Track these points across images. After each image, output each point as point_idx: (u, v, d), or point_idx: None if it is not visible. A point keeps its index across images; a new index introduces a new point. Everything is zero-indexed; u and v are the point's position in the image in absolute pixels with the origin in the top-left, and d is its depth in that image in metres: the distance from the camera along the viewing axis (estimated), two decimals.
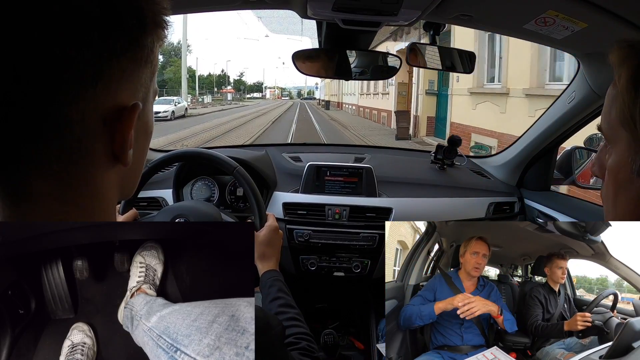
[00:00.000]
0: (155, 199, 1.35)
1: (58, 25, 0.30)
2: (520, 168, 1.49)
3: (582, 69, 1.10)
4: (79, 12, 0.31)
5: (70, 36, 0.30)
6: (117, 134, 0.35)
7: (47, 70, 0.30)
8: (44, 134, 0.32)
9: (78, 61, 0.31)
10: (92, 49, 0.31)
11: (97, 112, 0.33)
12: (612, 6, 0.73)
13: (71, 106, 0.32)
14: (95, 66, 0.32)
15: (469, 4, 0.84)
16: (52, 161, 0.33)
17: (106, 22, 0.32)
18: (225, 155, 1.02)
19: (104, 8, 0.32)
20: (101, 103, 0.33)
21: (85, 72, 0.32)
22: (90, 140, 0.34)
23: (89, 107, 0.33)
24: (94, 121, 0.33)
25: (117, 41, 0.33)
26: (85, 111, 0.32)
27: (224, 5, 0.98)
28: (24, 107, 0.31)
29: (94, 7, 0.31)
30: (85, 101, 0.32)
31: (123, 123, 0.35)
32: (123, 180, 0.39)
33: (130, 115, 0.35)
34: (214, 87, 56.97)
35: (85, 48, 0.31)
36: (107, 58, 0.33)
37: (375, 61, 1.17)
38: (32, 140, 0.32)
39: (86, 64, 0.31)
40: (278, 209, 1.36)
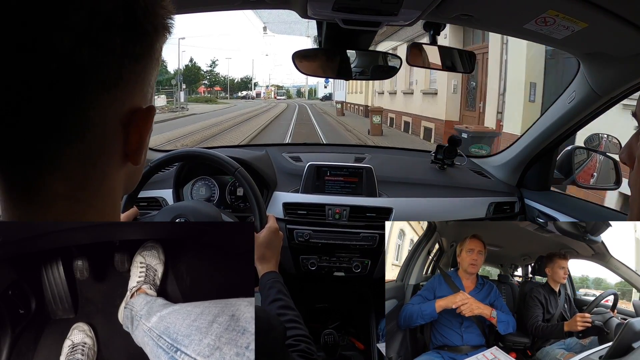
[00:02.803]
0: (156, 198, 1.35)
1: (86, 31, 0.31)
2: (520, 168, 1.49)
3: (583, 68, 1.10)
4: (105, 19, 0.32)
5: (97, 42, 0.31)
6: (134, 135, 0.36)
7: (73, 73, 0.31)
8: (66, 136, 0.32)
9: (102, 66, 0.32)
10: (115, 54, 0.33)
11: (116, 114, 0.34)
12: (613, 6, 0.73)
13: (93, 109, 0.33)
14: (117, 70, 0.33)
15: (469, 4, 0.84)
16: (71, 163, 0.33)
17: (128, 29, 0.33)
18: (225, 155, 1.02)
19: (127, 15, 0.33)
20: (120, 106, 0.34)
21: (107, 76, 0.33)
22: (109, 142, 0.35)
23: (110, 109, 0.34)
24: (113, 123, 0.34)
25: (135, 46, 0.34)
26: (106, 114, 0.34)
27: (224, 5, 0.98)
28: (48, 109, 0.31)
29: (118, 15, 0.32)
30: (106, 104, 0.33)
31: (140, 125, 0.36)
32: (128, 177, 0.40)
33: (148, 118, 0.37)
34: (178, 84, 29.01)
35: (109, 53, 0.32)
36: (127, 62, 0.34)
37: (375, 61, 1.17)
38: (53, 141, 0.32)
39: (109, 69, 0.33)
40: (278, 209, 1.36)
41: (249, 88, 73.52)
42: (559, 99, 1.25)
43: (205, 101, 40.36)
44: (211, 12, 1.08)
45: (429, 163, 1.59)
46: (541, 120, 1.35)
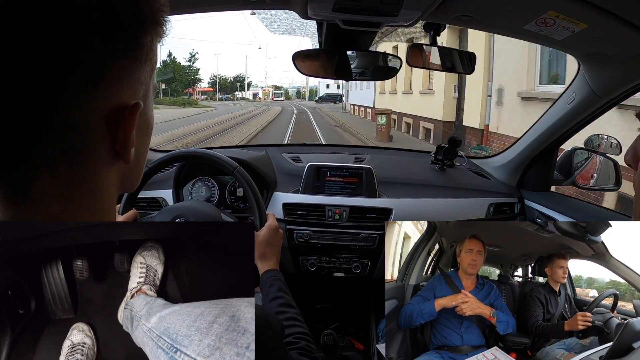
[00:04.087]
0: (155, 199, 1.35)
1: (59, 29, 0.30)
2: (520, 169, 1.49)
3: (583, 69, 1.10)
4: (79, 16, 0.31)
5: (72, 40, 0.31)
6: (120, 133, 0.35)
7: (50, 74, 0.31)
8: (49, 136, 0.32)
9: (80, 64, 0.31)
10: (93, 52, 0.32)
11: (100, 112, 0.34)
12: (612, 7, 0.73)
13: (74, 108, 0.32)
14: (97, 68, 0.32)
15: (469, 4, 0.84)
16: (56, 162, 0.33)
17: (106, 24, 0.32)
18: (225, 155, 1.02)
19: (103, 10, 0.32)
20: (103, 103, 0.34)
21: (87, 74, 0.32)
22: (94, 140, 0.34)
23: (92, 108, 0.33)
24: (96, 122, 0.34)
25: (117, 42, 0.33)
26: (88, 112, 0.33)
27: (224, 5, 0.98)
28: (28, 110, 0.31)
29: (93, 10, 0.31)
30: (88, 103, 0.33)
31: (125, 122, 0.35)
32: (124, 176, 0.39)
33: (132, 115, 0.35)
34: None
35: (87, 51, 0.31)
36: (108, 59, 0.33)
37: (375, 61, 1.17)
38: (37, 142, 0.32)
39: (88, 67, 0.32)
40: (278, 209, 1.35)
41: (242, 88, 63.66)
42: (559, 99, 1.25)
43: (183, 104, 33.03)
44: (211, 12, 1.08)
45: (428, 164, 1.59)
46: (541, 121, 1.35)
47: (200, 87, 52.68)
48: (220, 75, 60.85)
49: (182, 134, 12.30)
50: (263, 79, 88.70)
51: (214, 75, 58.78)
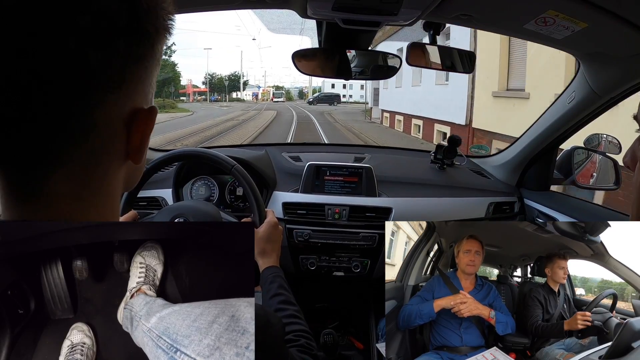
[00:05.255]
0: (155, 198, 1.35)
1: (91, 34, 0.31)
2: (520, 168, 1.49)
3: (582, 69, 1.10)
4: (110, 22, 0.32)
5: (101, 44, 0.32)
6: (137, 135, 0.37)
7: (78, 75, 0.32)
8: (72, 136, 0.33)
9: (106, 67, 0.33)
10: (119, 56, 0.33)
11: (120, 115, 0.35)
12: (612, 6, 0.73)
13: (98, 110, 0.33)
14: (121, 72, 0.34)
15: (469, 3, 0.84)
16: (75, 162, 0.34)
17: (131, 31, 0.33)
18: (224, 154, 1.02)
19: (130, 17, 0.33)
20: (122, 106, 0.35)
21: (112, 77, 0.33)
22: (112, 142, 0.36)
23: (113, 110, 0.35)
24: (116, 124, 0.35)
25: (139, 47, 0.35)
26: (110, 114, 0.34)
27: (224, 5, 0.98)
28: (54, 110, 0.32)
29: (122, 17, 0.33)
30: (111, 105, 0.34)
31: (142, 125, 0.37)
32: (128, 175, 0.41)
33: (150, 118, 0.37)
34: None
35: (113, 55, 0.33)
36: (131, 63, 0.34)
37: (375, 61, 1.17)
38: (59, 142, 0.33)
39: (113, 70, 0.33)
40: (278, 208, 1.35)
41: (237, 88, 56.11)
42: (558, 99, 1.25)
43: (160, 107, 26.59)
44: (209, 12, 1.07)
45: (428, 163, 1.59)
46: (541, 120, 1.35)
47: (189, 85, 46.36)
48: (215, 74, 54.86)
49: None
50: (261, 77, 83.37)
51: (208, 74, 52.47)
